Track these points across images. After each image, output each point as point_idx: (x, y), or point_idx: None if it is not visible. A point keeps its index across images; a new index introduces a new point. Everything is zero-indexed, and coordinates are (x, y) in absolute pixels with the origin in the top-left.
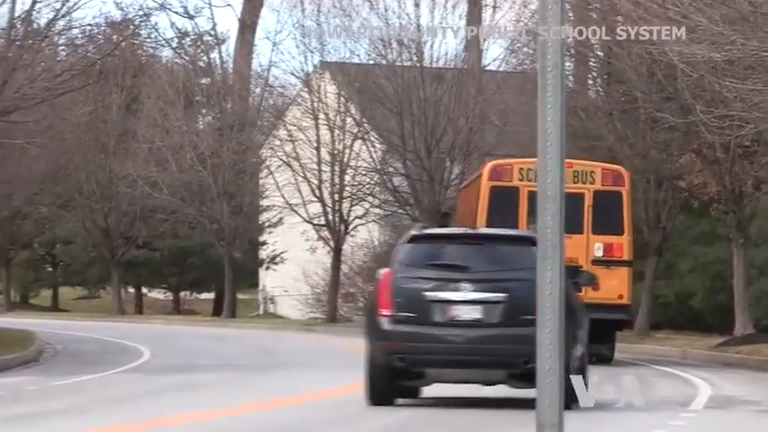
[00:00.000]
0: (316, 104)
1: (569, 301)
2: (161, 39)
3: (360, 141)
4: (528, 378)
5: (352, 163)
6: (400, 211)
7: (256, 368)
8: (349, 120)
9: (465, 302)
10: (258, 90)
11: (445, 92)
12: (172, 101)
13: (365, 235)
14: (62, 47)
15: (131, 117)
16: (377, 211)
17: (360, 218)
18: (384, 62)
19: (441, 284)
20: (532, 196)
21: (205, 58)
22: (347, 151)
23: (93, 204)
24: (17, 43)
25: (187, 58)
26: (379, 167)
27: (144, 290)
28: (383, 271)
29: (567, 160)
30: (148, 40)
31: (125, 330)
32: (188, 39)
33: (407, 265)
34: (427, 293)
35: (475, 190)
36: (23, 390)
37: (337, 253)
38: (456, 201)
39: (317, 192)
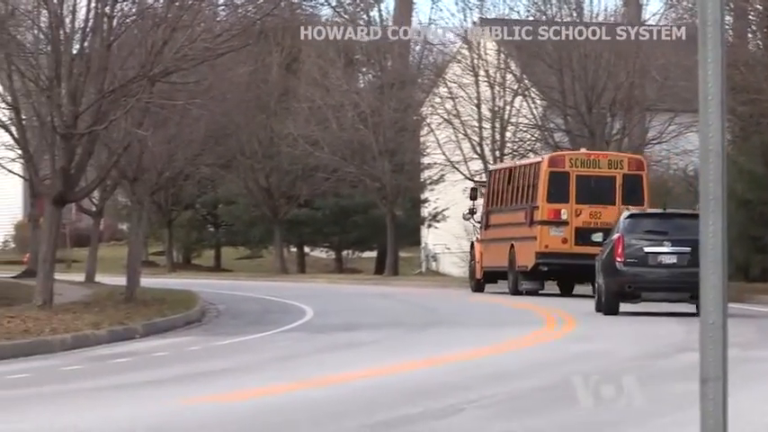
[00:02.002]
0: (476, 61)
1: None
2: None
3: (520, 98)
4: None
5: (513, 119)
6: None
7: (420, 326)
8: (509, 76)
9: (666, 253)
10: (418, 48)
11: (605, 47)
12: (332, 60)
13: None
14: (221, 7)
15: (291, 77)
16: None
17: None
18: (544, 18)
19: (652, 242)
20: (578, 178)
21: (365, 16)
22: (508, 108)
23: (254, 164)
24: (176, 4)
25: (346, 16)
26: (539, 123)
27: (306, 249)
28: (616, 235)
29: (602, 152)
30: None
31: (288, 290)
32: None
33: (629, 232)
34: (644, 248)
35: (531, 173)
36: (186, 350)
37: None
38: (491, 178)
39: (477, 149)
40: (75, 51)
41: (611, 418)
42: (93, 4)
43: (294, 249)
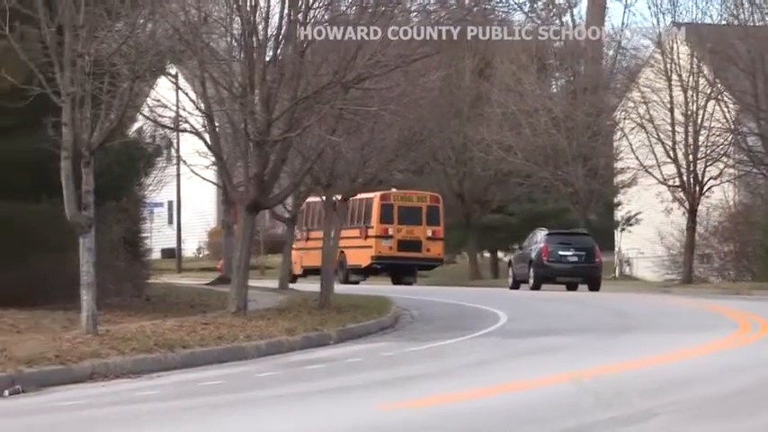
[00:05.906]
0: (668, 66)
1: None
2: (513, 3)
3: (713, 102)
4: (591, 284)
5: (706, 123)
6: (755, 170)
7: (613, 330)
8: (702, 80)
9: (570, 254)
10: (611, 52)
11: None
12: (525, 65)
13: (720, 195)
14: (414, 13)
15: (484, 82)
16: (731, 171)
17: (714, 178)
18: (736, 22)
19: (562, 248)
20: (399, 208)
21: (557, 21)
22: (701, 112)
23: (447, 170)
24: (369, 11)
25: (539, 21)
26: (732, 128)
27: (500, 254)
28: (542, 245)
29: (410, 192)
30: (500, 4)
31: (481, 295)
32: (540, 2)
33: (550, 243)
34: (558, 252)
35: (365, 204)
36: (381, 355)
37: (692, 214)
38: (308, 207)
39: (671, 153)
40: (268, 58)
41: None
42: (285, 12)
43: (488, 255)
